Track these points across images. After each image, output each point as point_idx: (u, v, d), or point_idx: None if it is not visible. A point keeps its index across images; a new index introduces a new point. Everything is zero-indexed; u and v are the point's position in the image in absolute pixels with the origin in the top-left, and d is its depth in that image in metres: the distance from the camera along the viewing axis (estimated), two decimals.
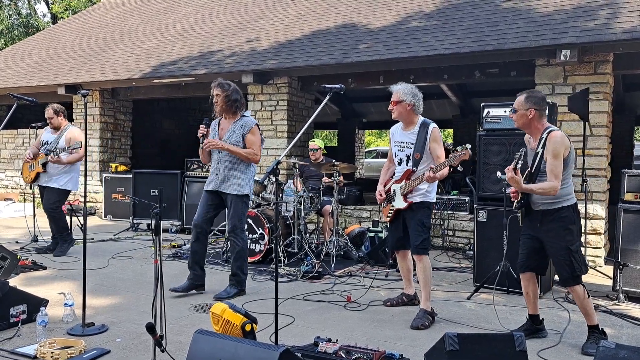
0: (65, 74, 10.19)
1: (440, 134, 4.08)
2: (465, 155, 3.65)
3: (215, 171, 4.55)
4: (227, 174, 4.49)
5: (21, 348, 3.25)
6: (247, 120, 4.54)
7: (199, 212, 4.59)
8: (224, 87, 4.48)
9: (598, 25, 6.07)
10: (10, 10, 23.40)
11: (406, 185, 4.02)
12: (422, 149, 3.99)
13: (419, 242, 3.99)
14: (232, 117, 4.55)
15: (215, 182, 4.54)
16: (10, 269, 4.82)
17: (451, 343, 2.58)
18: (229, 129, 4.51)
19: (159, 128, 13.11)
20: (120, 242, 7.11)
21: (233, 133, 4.49)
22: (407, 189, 4.01)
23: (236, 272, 4.56)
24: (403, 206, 4.05)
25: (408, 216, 4.08)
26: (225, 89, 4.48)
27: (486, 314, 4.19)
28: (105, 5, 15.42)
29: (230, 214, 4.53)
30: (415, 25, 7.73)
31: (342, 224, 7.48)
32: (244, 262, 4.59)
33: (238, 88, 4.57)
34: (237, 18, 10.68)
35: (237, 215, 4.52)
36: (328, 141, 28.48)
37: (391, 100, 4.05)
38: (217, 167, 4.53)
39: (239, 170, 4.51)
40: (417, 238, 4.00)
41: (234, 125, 4.51)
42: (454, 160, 3.68)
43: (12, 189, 11.10)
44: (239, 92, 4.55)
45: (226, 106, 4.49)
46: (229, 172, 4.49)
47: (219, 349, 2.58)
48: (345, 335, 3.60)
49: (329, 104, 13.71)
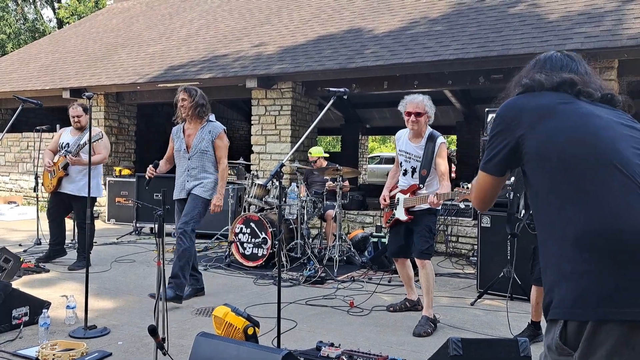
0: (70, 77, 10.24)
1: (446, 148, 4.06)
2: (469, 197, 3.63)
3: (186, 179, 4.54)
4: (197, 180, 4.50)
5: (23, 350, 3.24)
6: (214, 126, 4.56)
7: (176, 222, 4.56)
8: (190, 93, 4.51)
9: (603, 31, 6.07)
10: (17, 15, 23.57)
11: (410, 200, 4.01)
12: (429, 166, 3.95)
13: (425, 248, 3.96)
14: (198, 123, 4.56)
15: (186, 189, 4.52)
16: (13, 272, 4.82)
17: (455, 348, 2.55)
18: (197, 135, 4.53)
19: (163, 132, 13.13)
20: (123, 245, 7.11)
21: (202, 140, 4.50)
22: (411, 204, 4.00)
23: (177, 273, 4.29)
24: (403, 219, 4.04)
25: (414, 222, 4.05)
26: (192, 94, 4.50)
27: (490, 320, 4.16)
28: (111, 11, 15.51)
29: (185, 209, 4.43)
30: (419, 31, 7.74)
31: (345, 229, 7.46)
32: (186, 264, 4.35)
33: (204, 94, 4.60)
34: (241, 23, 10.72)
35: (191, 213, 4.40)
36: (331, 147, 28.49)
37: (412, 110, 3.92)
38: (185, 174, 4.53)
39: (208, 175, 4.52)
40: (423, 243, 3.97)
41: (201, 131, 4.53)
42: (458, 197, 3.71)
43: (16, 192, 11.13)
44: (204, 98, 4.57)
45: (192, 112, 4.51)
46: (200, 176, 4.50)
47: (221, 352, 2.57)
48: (348, 340, 3.58)
49: (332, 109, 13.72)
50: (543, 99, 1.57)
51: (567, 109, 1.52)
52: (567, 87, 1.57)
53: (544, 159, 1.47)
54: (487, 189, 1.69)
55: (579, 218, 1.38)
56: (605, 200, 1.38)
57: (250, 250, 5.88)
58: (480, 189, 1.71)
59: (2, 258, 4.76)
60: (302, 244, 5.97)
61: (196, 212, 4.44)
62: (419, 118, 3.94)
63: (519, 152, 1.55)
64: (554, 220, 1.43)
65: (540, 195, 1.49)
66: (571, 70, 1.64)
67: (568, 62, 1.68)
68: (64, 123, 6.21)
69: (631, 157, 1.43)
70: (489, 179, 1.66)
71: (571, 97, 1.56)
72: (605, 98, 1.58)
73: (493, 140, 1.62)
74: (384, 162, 21.19)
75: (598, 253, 1.34)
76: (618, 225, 1.34)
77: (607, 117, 1.51)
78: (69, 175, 5.58)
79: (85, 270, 3.76)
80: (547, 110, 1.53)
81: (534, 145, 1.51)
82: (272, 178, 3.25)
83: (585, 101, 1.56)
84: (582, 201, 1.39)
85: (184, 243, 4.36)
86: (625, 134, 1.49)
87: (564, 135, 1.47)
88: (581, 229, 1.37)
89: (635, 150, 1.46)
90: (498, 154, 1.60)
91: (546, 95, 1.58)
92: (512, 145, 1.56)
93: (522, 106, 1.58)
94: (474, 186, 1.76)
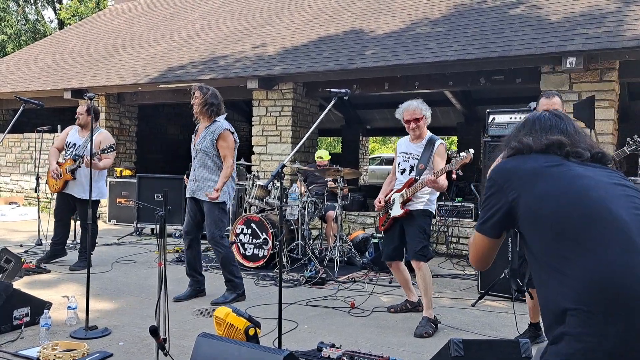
0: (71, 78, 10.25)
1: (445, 150, 4.08)
2: (467, 159, 3.65)
3: (192, 177, 4.53)
4: (202, 181, 4.46)
5: (24, 350, 3.24)
6: (217, 126, 4.47)
7: (187, 221, 4.59)
8: (202, 91, 4.49)
9: (604, 32, 6.07)
10: (18, 15, 23.60)
11: (406, 192, 4.00)
12: (427, 161, 3.99)
13: (419, 249, 3.94)
14: (206, 122, 4.54)
15: (192, 189, 4.51)
16: (14, 272, 4.83)
17: (456, 349, 2.55)
18: (201, 134, 4.51)
19: (164, 133, 13.15)
20: (124, 246, 7.11)
21: (204, 139, 4.46)
22: (407, 195, 3.99)
23: (228, 277, 4.52)
24: (399, 213, 4.02)
25: (407, 223, 4.04)
26: (203, 92, 4.48)
27: (491, 321, 4.16)
28: (112, 11, 15.53)
29: (207, 222, 4.47)
30: (420, 31, 7.74)
31: (346, 230, 7.46)
32: (232, 267, 4.53)
33: (217, 93, 4.53)
34: (243, 24, 10.73)
35: (214, 222, 4.44)
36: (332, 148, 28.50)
37: (410, 118, 4.01)
38: (193, 173, 4.53)
39: (214, 177, 4.45)
40: (416, 244, 3.95)
41: (205, 131, 4.50)
42: (455, 164, 3.68)
43: (17, 192, 11.14)
44: (216, 97, 4.50)
45: (201, 110, 4.48)
46: (204, 179, 4.46)
47: (222, 353, 2.57)
48: (349, 341, 3.58)
49: (333, 110, 13.72)
50: (532, 162, 1.58)
51: (556, 172, 1.53)
52: (556, 149, 1.59)
53: (537, 223, 1.49)
54: (484, 250, 1.71)
55: (575, 282, 1.38)
56: (601, 260, 1.37)
57: (251, 251, 5.89)
58: (477, 249, 1.73)
59: (3, 259, 4.76)
60: (303, 245, 5.97)
61: (216, 218, 4.44)
62: (418, 123, 4.03)
63: (512, 216, 1.57)
64: (552, 282, 1.44)
65: (536, 257, 1.50)
66: (560, 130, 1.66)
67: (557, 121, 1.69)
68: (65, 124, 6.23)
69: (624, 216, 1.43)
70: (486, 240, 1.68)
71: (560, 159, 1.58)
72: (595, 157, 1.59)
73: (487, 203, 1.64)
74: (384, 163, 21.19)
75: (594, 318, 1.34)
76: (616, 287, 1.34)
77: (597, 178, 1.52)
78: (77, 179, 5.54)
79: (87, 271, 3.76)
80: (537, 173, 1.54)
81: (526, 209, 1.52)
82: (273, 179, 3.25)
83: (574, 162, 1.57)
84: (577, 263, 1.39)
85: (220, 251, 4.48)
86: (618, 193, 1.49)
87: (554, 199, 1.48)
88: (578, 292, 1.37)
89: (629, 208, 1.46)
90: (492, 216, 1.62)
91: (535, 157, 1.59)
92: (506, 209, 1.58)
93: (512, 169, 1.60)
94: (471, 246, 1.78)
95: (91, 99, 3.84)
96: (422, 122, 4.05)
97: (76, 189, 5.58)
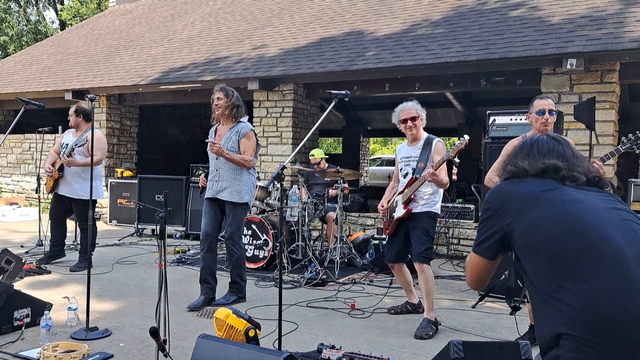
0: (72, 79, 10.26)
1: (444, 147, 4.07)
2: (462, 145, 3.66)
3: (214, 178, 4.49)
4: (225, 181, 4.43)
5: (25, 351, 3.25)
6: (242, 126, 4.48)
7: (206, 222, 4.51)
8: (227, 94, 4.44)
9: (605, 34, 6.07)
10: (19, 16, 23.63)
11: (408, 190, 4.01)
12: (426, 160, 4.01)
13: (422, 250, 3.94)
14: (230, 124, 4.50)
15: (214, 189, 4.48)
16: (15, 273, 4.83)
17: (456, 351, 2.55)
18: (226, 135, 4.46)
19: (164, 134, 13.16)
20: (124, 247, 7.11)
21: (229, 139, 4.43)
22: (409, 194, 4.00)
23: (236, 279, 4.53)
24: (401, 213, 4.02)
25: (411, 225, 4.04)
26: (229, 95, 4.44)
27: (491, 323, 4.16)
28: (113, 12, 15.54)
29: (229, 221, 4.47)
30: (421, 33, 7.74)
31: (346, 231, 7.46)
32: (242, 269, 4.57)
33: (239, 95, 4.55)
34: (243, 25, 10.74)
35: (236, 222, 4.46)
36: (332, 149, 28.49)
37: (406, 117, 4.04)
38: (215, 174, 4.48)
39: (238, 176, 4.43)
40: (420, 246, 3.96)
41: (230, 131, 4.47)
42: (452, 152, 3.70)
43: (18, 193, 11.15)
44: (240, 99, 4.52)
45: (227, 112, 4.45)
46: (227, 178, 4.42)
47: (222, 354, 2.57)
48: (349, 342, 3.58)
49: (333, 112, 13.72)
50: (528, 187, 1.59)
51: (551, 197, 1.53)
52: (552, 173, 1.59)
53: (532, 248, 1.49)
54: (480, 271, 1.74)
55: (569, 308, 1.38)
56: (596, 289, 1.37)
57: (252, 252, 5.89)
58: (473, 270, 1.75)
59: (4, 259, 4.77)
60: (303, 246, 5.97)
61: (238, 219, 4.48)
62: (414, 122, 4.05)
63: (508, 240, 1.58)
64: (547, 307, 1.44)
65: (532, 281, 1.51)
66: (558, 154, 1.66)
67: (554, 145, 1.69)
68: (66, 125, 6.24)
69: (621, 242, 1.41)
70: (482, 262, 1.71)
71: (556, 183, 1.58)
72: (592, 181, 1.59)
73: (483, 225, 1.66)
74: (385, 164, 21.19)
75: (587, 345, 1.33)
76: (610, 316, 1.34)
77: (592, 202, 1.51)
78: (64, 177, 5.63)
79: (87, 271, 3.76)
80: (532, 197, 1.55)
81: (521, 233, 1.53)
82: (274, 180, 3.26)
83: (570, 186, 1.57)
84: (572, 291, 1.40)
85: (235, 252, 4.49)
86: (613, 218, 1.48)
87: (549, 224, 1.48)
88: (572, 319, 1.37)
89: (626, 232, 1.45)
90: (488, 239, 1.64)
91: (531, 182, 1.60)
92: (502, 233, 1.59)
93: (508, 193, 1.61)
94: (467, 266, 1.79)
95: (92, 100, 3.84)
96: (418, 121, 4.07)
97: (65, 188, 5.64)
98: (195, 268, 5.85)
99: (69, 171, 5.60)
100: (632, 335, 1.31)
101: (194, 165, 8.40)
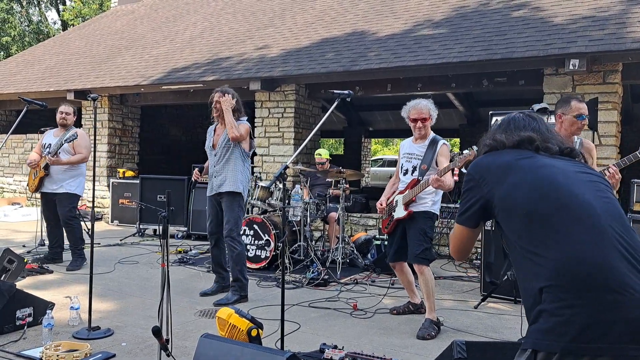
0: (74, 79, 10.27)
1: (449, 150, 4.04)
2: (470, 156, 3.62)
3: (212, 174, 4.61)
4: (223, 174, 4.54)
5: (27, 351, 3.25)
6: (239, 123, 4.58)
7: (210, 220, 4.68)
8: (228, 94, 4.55)
9: (607, 35, 6.06)
10: (21, 17, 23.68)
11: (410, 192, 3.98)
12: (429, 162, 3.97)
13: (420, 251, 3.89)
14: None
15: (214, 185, 4.59)
16: (17, 273, 4.83)
17: (459, 351, 2.55)
18: (223, 133, 4.58)
19: (166, 134, 13.18)
20: (126, 247, 7.12)
21: (226, 137, 4.55)
22: (411, 196, 3.97)
23: (237, 276, 4.55)
24: (402, 215, 4.00)
25: (409, 225, 4.01)
26: (231, 96, 4.54)
27: (494, 323, 4.15)
28: (115, 13, 15.56)
29: (226, 217, 4.55)
30: (423, 33, 7.74)
31: (348, 231, 7.46)
32: (243, 265, 4.59)
33: (239, 98, 4.64)
34: (245, 26, 10.75)
35: (234, 219, 4.54)
36: (334, 149, 28.50)
37: (417, 117, 4.00)
38: (213, 170, 4.61)
39: (234, 167, 4.55)
40: (417, 247, 3.91)
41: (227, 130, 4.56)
42: (459, 162, 3.63)
43: (20, 193, 11.16)
44: (239, 103, 4.62)
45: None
46: (225, 170, 4.54)
47: (225, 354, 2.57)
48: (351, 342, 3.58)
49: (335, 112, 13.73)
50: (505, 157, 1.73)
51: (526, 163, 1.67)
52: (527, 144, 1.73)
53: (511, 211, 1.62)
54: (463, 240, 1.85)
55: (548, 261, 1.49)
56: (571, 241, 1.49)
57: (254, 252, 5.89)
58: (456, 240, 1.87)
59: (6, 259, 4.77)
60: (305, 246, 5.97)
61: (234, 213, 4.53)
62: (425, 123, 4.02)
63: (489, 207, 1.70)
64: (527, 264, 1.55)
65: (513, 244, 1.61)
66: (533, 129, 1.79)
67: (530, 121, 1.83)
68: None
69: (590, 199, 1.56)
70: (465, 231, 1.82)
71: (531, 152, 1.72)
72: (564, 152, 1.73)
73: (465, 196, 1.78)
74: (386, 165, 21.20)
75: (568, 292, 1.44)
76: (586, 264, 1.45)
77: (563, 167, 1.66)
78: (50, 175, 5.71)
79: (89, 271, 3.76)
80: (509, 165, 1.68)
81: (500, 199, 1.65)
82: (276, 180, 3.25)
83: (544, 155, 1.71)
84: (549, 245, 1.51)
85: (235, 248, 4.53)
86: (583, 179, 1.63)
87: (525, 187, 1.61)
88: (551, 270, 1.48)
89: (594, 191, 1.59)
90: (470, 208, 1.76)
91: (508, 152, 1.74)
92: (483, 201, 1.71)
93: (487, 164, 1.75)
94: (451, 238, 1.90)
95: (94, 100, 3.85)
96: (428, 122, 4.05)
97: (51, 185, 5.72)
98: (197, 268, 5.86)
99: (55, 169, 5.69)
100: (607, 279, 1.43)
101: (196, 165, 8.37)
